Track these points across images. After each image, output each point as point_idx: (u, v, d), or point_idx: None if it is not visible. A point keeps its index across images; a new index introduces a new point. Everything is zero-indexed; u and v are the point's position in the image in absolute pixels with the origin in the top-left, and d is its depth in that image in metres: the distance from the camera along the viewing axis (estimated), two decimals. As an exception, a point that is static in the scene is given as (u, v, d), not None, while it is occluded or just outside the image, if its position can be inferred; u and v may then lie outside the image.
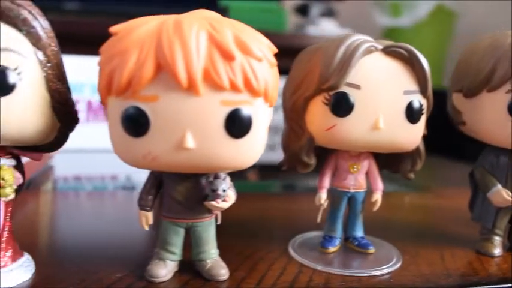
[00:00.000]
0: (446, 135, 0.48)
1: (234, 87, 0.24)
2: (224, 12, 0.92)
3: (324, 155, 0.33)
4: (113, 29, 0.25)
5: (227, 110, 0.24)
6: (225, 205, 0.27)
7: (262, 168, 0.76)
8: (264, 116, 0.26)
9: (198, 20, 0.25)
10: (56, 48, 0.26)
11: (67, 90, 0.28)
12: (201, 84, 0.23)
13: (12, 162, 0.28)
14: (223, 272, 0.29)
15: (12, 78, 0.24)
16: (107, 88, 0.24)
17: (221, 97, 0.24)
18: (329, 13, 0.94)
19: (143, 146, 0.25)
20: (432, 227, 0.43)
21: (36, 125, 0.26)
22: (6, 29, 0.25)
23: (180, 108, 0.24)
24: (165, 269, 0.29)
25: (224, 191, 0.27)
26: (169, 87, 0.24)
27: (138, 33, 0.24)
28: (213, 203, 0.27)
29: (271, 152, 0.93)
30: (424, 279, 0.31)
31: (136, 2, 0.90)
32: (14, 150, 0.28)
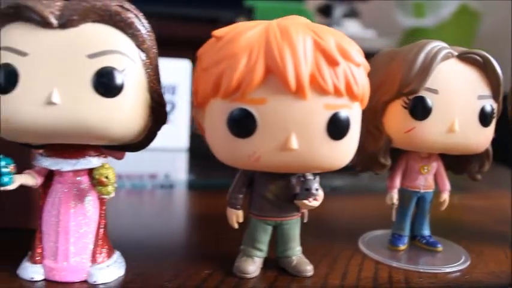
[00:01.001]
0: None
1: (337, 92, 0.26)
2: (250, 12, 0.94)
3: (394, 156, 0.35)
4: (216, 33, 0.27)
5: (329, 113, 0.26)
6: (316, 204, 0.29)
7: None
8: (358, 119, 0.28)
9: (301, 27, 0.26)
10: (156, 51, 0.28)
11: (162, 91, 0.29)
12: (307, 89, 0.25)
13: (104, 160, 0.29)
14: (309, 268, 0.30)
15: (120, 79, 0.25)
16: (213, 90, 0.26)
17: (325, 101, 0.26)
18: (352, 14, 0.96)
19: (248, 146, 0.26)
20: (485, 227, 0.44)
21: (137, 125, 0.27)
22: (113, 32, 0.26)
23: (286, 111, 0.25)
24: (253, 265, 0.30)
25: (317, 190, 0.29)
26: (277, 91, 0.25)
27: (246, 38, 0.25)
28: (305, 201, 0.29)
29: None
30: (495, 276, 0.32)
31: (164, 2, 0.91)
32: (103, 149, 0.29)
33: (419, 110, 0.31)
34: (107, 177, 0.27)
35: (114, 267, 0.29)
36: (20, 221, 0.36)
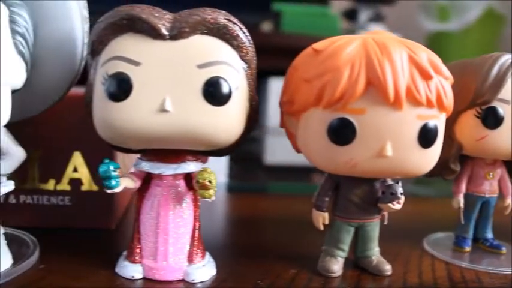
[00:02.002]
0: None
1: (429, 103, 0.28)
2: (277, 16, 0.96)
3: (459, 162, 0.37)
4: (316, 47, 0.29)
5: (421, 123, 0.28)
6: (399, 207, 0.31)
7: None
8: (443, 128, 0.30)
9: (397, 42, 0.28)
10: (256, 61, 0.30)
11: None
12: (404, 100, 0.27)
13: (202, 165, 0.31)
14: (388, 268, 0.33)
15: (227, 88, 0.27)
16: (316, 100, 0.28)
17: (417, 112, 0.28)
18: (377, 18, 0.98)
19: (346, 153, 0.28)
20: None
21: (239, 132, 0.29)
22: (220, 44, 0.28)
23: (383, 121, 0.28)
24: (337, 265, 0.32)
25: (401, 194, 0.31)
26: (376, 102, 0.27)
27: (347, 52, 0.28)
28: (390, 204, 0.31)
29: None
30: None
31: (190, 7, 0.93)
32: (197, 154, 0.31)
33: (492, 119, 0.34)
34: (210, 181, 0.29)
35: (208, 267, 0.31)
36: (100, 221, 0.38)
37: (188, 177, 0.31)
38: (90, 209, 0.38)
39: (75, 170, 0.37)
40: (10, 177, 0.30)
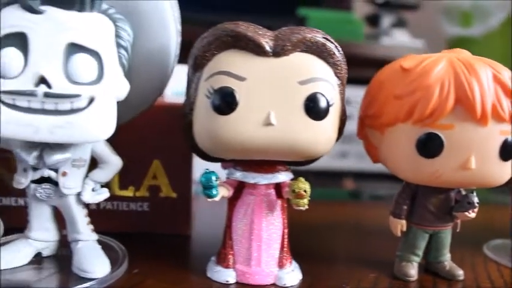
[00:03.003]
0: None
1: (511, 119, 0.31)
2: (303, 21, 0.98)
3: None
4: (404, 66, 0.31)
5: (503, 138, 0.31)
6: (473, 215, 0.34)
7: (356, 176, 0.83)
8: None
9: (481, 61, 0.31)
10: (346, 76, 0.32)
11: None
12: (490, 117, 0.30)
13: (292, 175, 0.33)
14: (461, 273, 0.35)
15: (325, 104, 0.30)
16: (406, 116, 0.31)
17: (500, 127, 0.30)
18: (400, 24, 1.01)
19: (433, 165, 0.31)
20: None
21: (332, 145, 0.32)
22: (318, 61, 0.30)
23: (469, 135, 0.30)
24: (413, 270, 0.35)
25: (478, 203, 0.33)
26: (463, 118, 0.30)
27: (436, 71, 0.30)
28: (466, 213, 0.33)
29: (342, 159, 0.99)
30: None
31: (215, 11, 0.96)
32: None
33: None
34: (305, 191, 0.31)
35: (296, 271, 0.34)
36: (178, 227, 0.41)
37: (277, 186, 0.33)
38: (168, 215, 0.40)
39: (154, 177, 0.39)
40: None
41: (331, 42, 0.31)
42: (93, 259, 0.32)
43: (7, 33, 0.28)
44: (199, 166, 0.40)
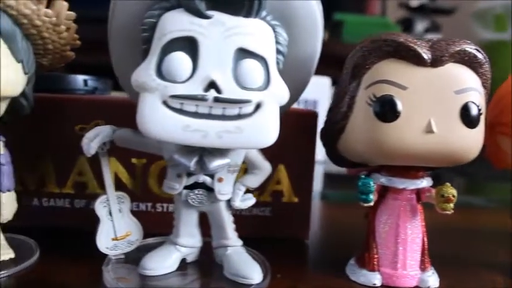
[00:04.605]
0: None
1: None
2: (339, 25, 1.01)
3: None
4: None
5: None
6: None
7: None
8: None
9: None
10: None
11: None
12: None
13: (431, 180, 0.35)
14: None
15: (477, 112, 0.31)
16: None
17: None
18: (434, 28, 1.04)
19: None
20: None
21: (479, 151, 0.33)
22: (469, 72, 0.32)
23: None
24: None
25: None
26: None
27: None
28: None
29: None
30: None
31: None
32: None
33: None
34: (453, 195, 0.33)
35: (436, 274, 0.35)
36: (297, 232, 0.42)
37: (417, 191, 0.35)
38: (289, 220, 0.41)
39: (277, 182, 0.41)
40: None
41: (481, 54, 0.32)
42: (248, 265, 0.33)
43: (175, 37, 0.28)
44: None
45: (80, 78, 0.44)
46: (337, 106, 0.34)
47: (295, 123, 0.38)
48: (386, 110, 0.31)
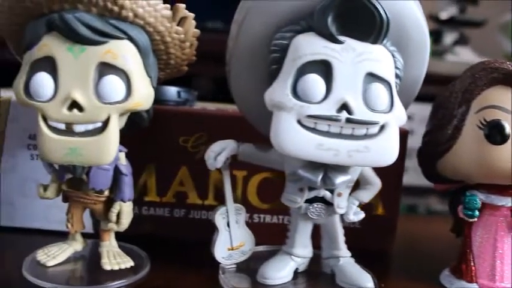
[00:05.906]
0: None
1: None
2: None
3: None
4: None
5: None
6: None
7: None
8: None
9: None
10: None
11: None
12: None
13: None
14: None
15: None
16: None
17: None
18: (462, 41, 1.07)
19: None
20: None
21: None
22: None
23: None
24: None
25: None
26: None
27: None
28: None
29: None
30: None
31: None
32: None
33: None
34: None
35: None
36: (384, 244, 0.45)
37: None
38: (376, 232, 0.44)
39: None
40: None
41: None
42: (363, 274, 0.36)
43: (310, 60, 0.31)
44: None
45: (174, 89, 0.46)
46: (442, 128, 0.37)
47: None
48: (498, 134, 0.34)
